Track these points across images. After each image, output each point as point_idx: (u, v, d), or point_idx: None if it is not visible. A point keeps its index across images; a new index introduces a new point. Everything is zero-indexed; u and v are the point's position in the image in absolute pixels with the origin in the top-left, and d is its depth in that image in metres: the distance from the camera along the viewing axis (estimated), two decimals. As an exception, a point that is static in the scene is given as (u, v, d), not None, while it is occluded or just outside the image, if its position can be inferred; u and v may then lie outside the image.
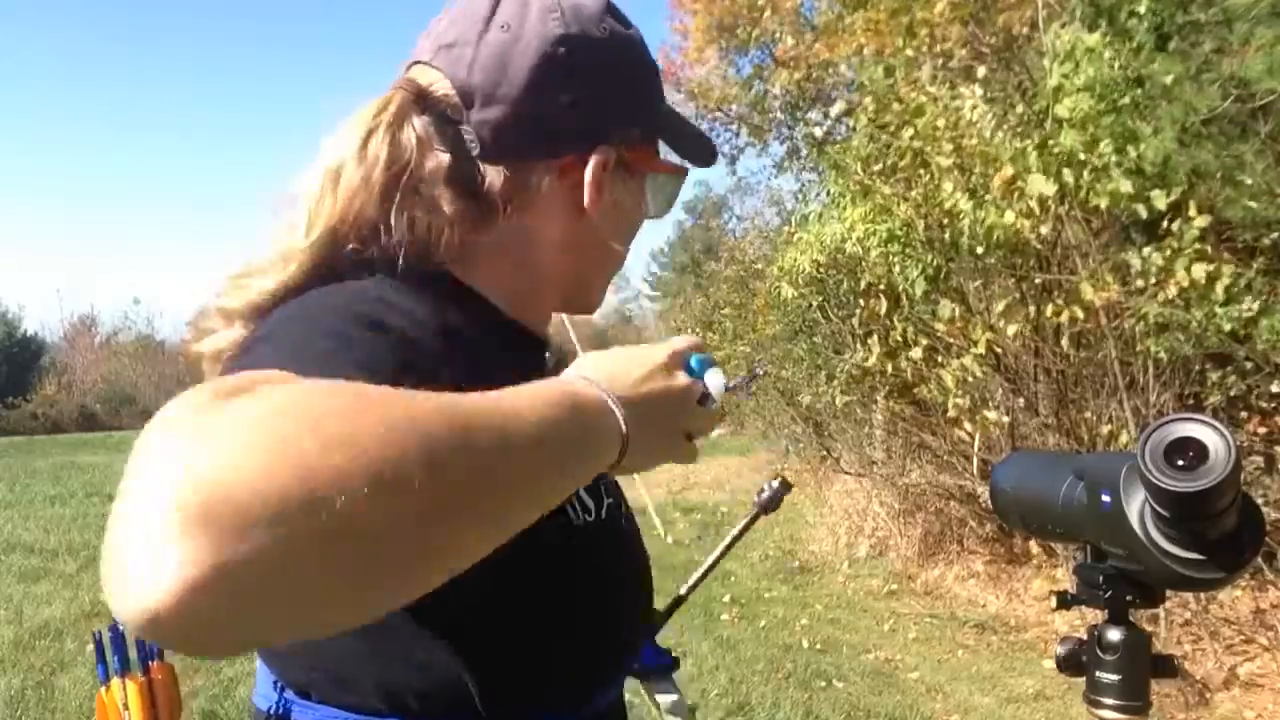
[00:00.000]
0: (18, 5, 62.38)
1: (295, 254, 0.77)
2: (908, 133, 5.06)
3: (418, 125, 0.78)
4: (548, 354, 0.91)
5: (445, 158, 0.78)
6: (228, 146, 73.99)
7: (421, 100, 0.79)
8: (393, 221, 0.76)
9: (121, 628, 1.07)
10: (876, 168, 5.56)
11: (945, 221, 5.10)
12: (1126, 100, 4.24)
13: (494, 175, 0.80)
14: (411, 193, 0.77)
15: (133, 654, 1.10)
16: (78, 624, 5.55)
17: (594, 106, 0.81)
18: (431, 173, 0.78)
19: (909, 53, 5.39)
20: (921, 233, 5.29)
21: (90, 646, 5.06)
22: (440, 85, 0.79)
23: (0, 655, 4.94)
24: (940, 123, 4.89)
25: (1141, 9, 4.23)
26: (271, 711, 0.75)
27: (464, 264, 0.81)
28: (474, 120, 0.78)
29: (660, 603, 1.21)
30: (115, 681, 1.10)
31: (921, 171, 5.14)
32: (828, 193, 6.78)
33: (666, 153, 0.90)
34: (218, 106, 70.85)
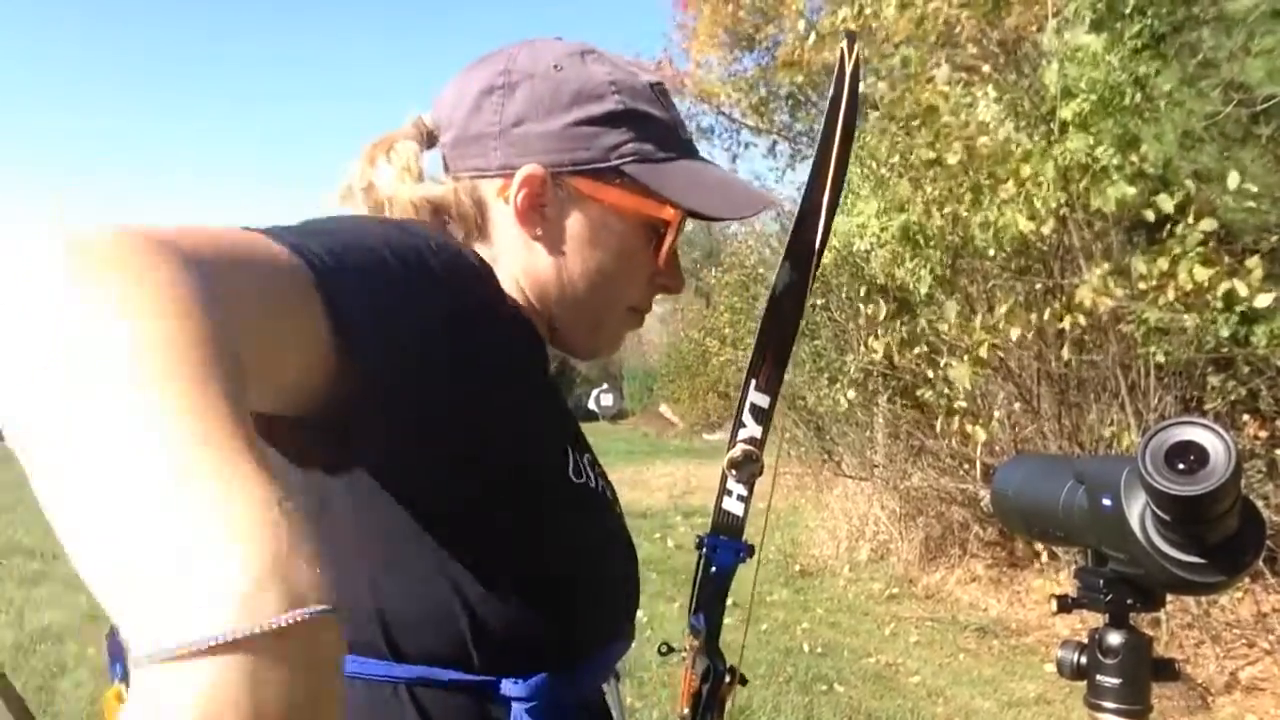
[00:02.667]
0: (18, 3, 62.47)
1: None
2: (916, 123, 5.03)
3: (409, 145, 0.90)
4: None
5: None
6: (230, 146, 74.06)
7: (408, 133, 0.92)
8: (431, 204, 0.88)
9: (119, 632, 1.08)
10: (891, 161, 5.54)
11: (954, 222, 5.10)
12: (1125, 102, 4.24)
13: (460, 193, 0.88)
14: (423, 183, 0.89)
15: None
16: (79, 628, 5.55)
17: (528, 128, 0.87)
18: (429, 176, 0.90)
19: (920, 28, 5.32)
20: (933, 230, 5.28)
21: (91, 649, 5.06)
22: (423, 123, 0.93)
23: (0, 659, 4.94)
24: (949, 119, 4.88)
25: (1128, 8, 4.23)
26: None
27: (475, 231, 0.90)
28: (441, 144, 0.91)
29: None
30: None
31: (936, 169, 5.12)
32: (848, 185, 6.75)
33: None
34: (219, 106, 71.01)
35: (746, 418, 1.17)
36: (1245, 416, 4.63)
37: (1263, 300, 3.85)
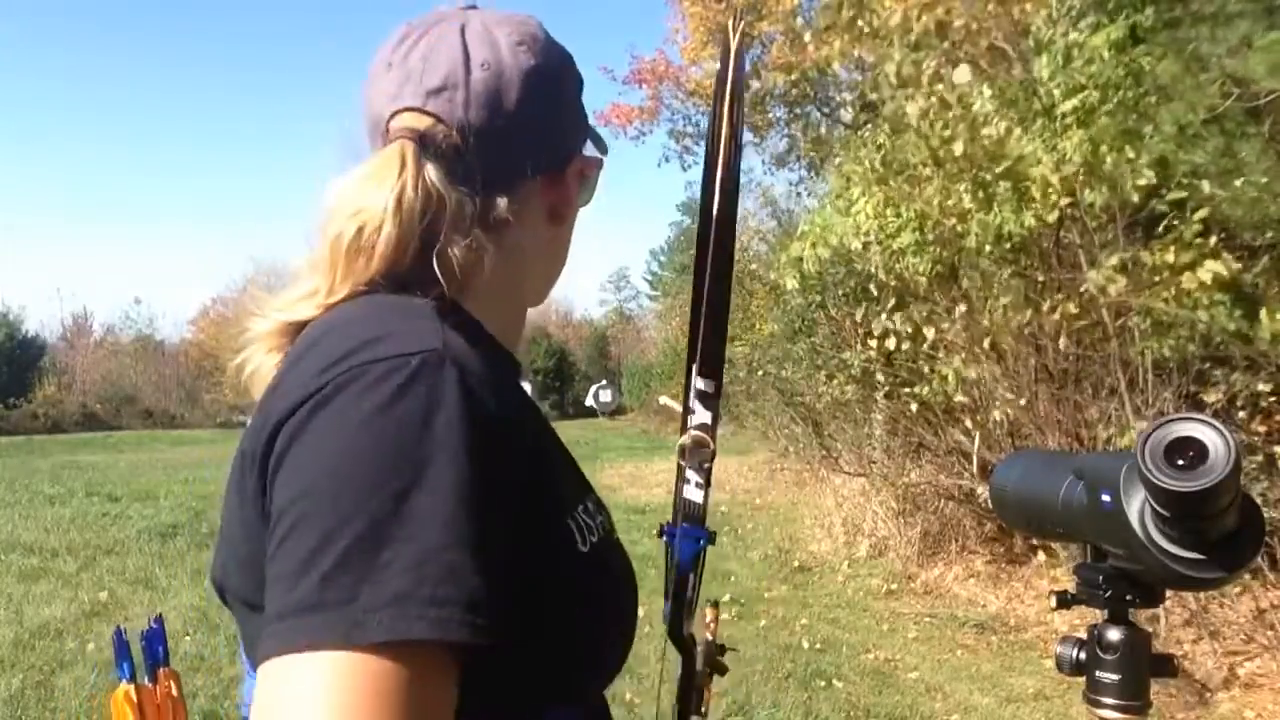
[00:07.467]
0: (21, 3, 62.21)
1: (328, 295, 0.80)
2: (921, 119, 5.01)
3: (432, 172, 0.79)
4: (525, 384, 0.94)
5: (465, 197, 0.80)
6: (231, 147, 73.84)
7: (428, 148, 0.80)
8: (436, 266, 0.78)
9: (124, 631, 1.07)
10: (883, 159, 5.52)
11: (954, 220, 5.09)
12: (1117, 99, 4.24)
13: (500, 206, 0.83)
14: (453, 234, 0.79)
15: (139, 659, 1.10)
16: (78, 624, 5.55)
17: (562, 122, 0.89)
18: (455, 214, 0.79)
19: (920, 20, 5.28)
20: (932, 228, 5.27)
21: (90, 645, 5.06)
22: (439, 130, 0.81)
23: (0, 655, 4.94)
24: (954, 113, 4.86)
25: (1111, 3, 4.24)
26: None
27: (465, 293, 0.82)
28: (475, 155, 0.81)
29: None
30: (130, 687, 1.09)
31: (934, 168, 5.11)
32: (847, 181, 6.74)
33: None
34: (220, 106, 70.72)
35: (694, 404, 1.14)
36: (1243, 412, 4.64)
37: (1208, 270, 3.90)
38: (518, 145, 0.84)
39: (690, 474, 1.16)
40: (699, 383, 1.14)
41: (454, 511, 0.62)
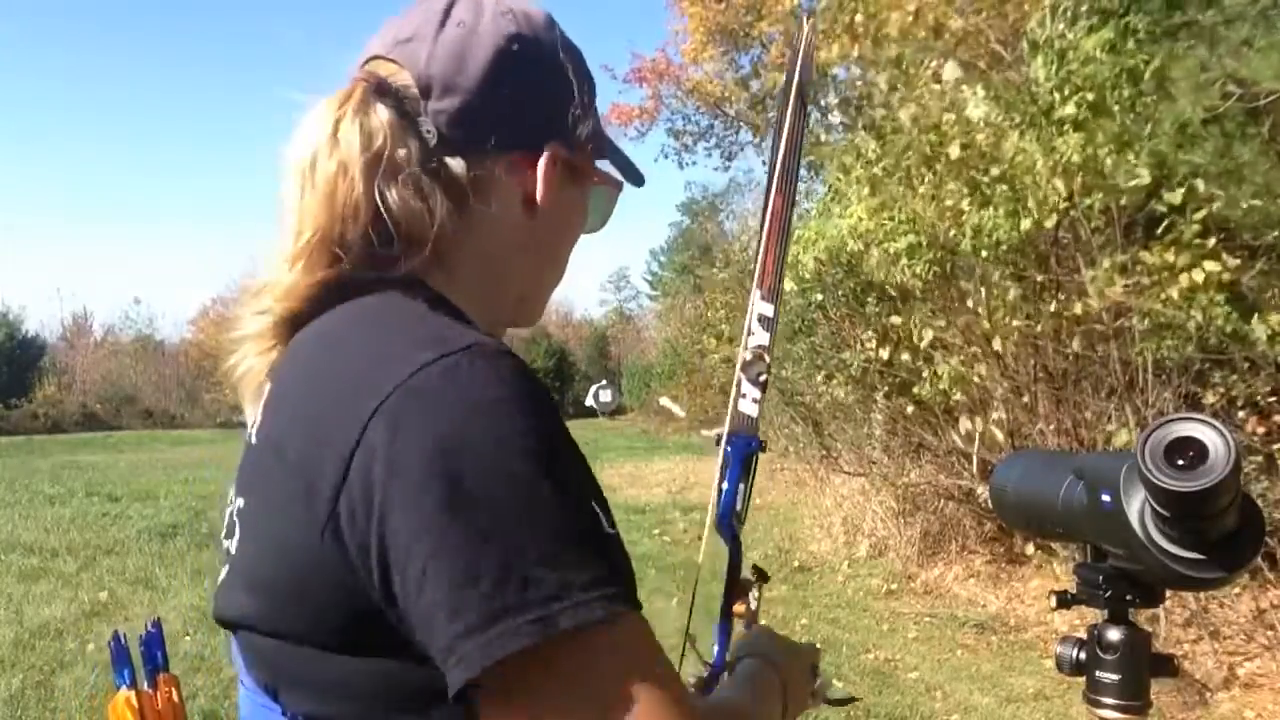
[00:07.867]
0: (21, 3, 62.17)
1: (293, 261, 0.77)
2: (913, 125, 5.00)
3: (382, 112, 0.77)
4: None
5: (414, 144, 0.78)
6: (231, 147, 73.77)
7: (382, 90, 0.79)
8: (381, 206, 0.75)
9: (123, 637, 1.06)
10: (881, 165, 5.53)
11: (949, 222, 5.09)
12: (1116, 102, 4.24)
13: (455, 166, 0.79)
14: (392, 175, 0.76)
15: (139, 664, 1.08)
16: (78, 624, 5.55)
17: (544, 104, 0.84)
18: (404, 158, 0.77)
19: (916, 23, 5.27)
20: (927, 229, 5.27)
21: (91, 646, 5.07)
22: (399, 76, 0.80)
23: (0, 655, 4.94)
24: (948, 115, 4.86)
25: (1111, 5, 4.25)
26: None
27: (438, 274, 0.79)
28: (432, 110, 0.79)
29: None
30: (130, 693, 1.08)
31: (925, 169, 5.11)
32: (832, 187, 6.75)
33: (605, 168, 0.94)
34: (219, 106, 70.65)
35: (755, 326, 1.24)
36: (1243, 413, 4.64)
37: (1210, 267, 3.91)
38: (480, 111, 0.79)
39: (747, 388, 1.25)
40: (760, 307, 1.25)
41: (582, 483, 0.66)
